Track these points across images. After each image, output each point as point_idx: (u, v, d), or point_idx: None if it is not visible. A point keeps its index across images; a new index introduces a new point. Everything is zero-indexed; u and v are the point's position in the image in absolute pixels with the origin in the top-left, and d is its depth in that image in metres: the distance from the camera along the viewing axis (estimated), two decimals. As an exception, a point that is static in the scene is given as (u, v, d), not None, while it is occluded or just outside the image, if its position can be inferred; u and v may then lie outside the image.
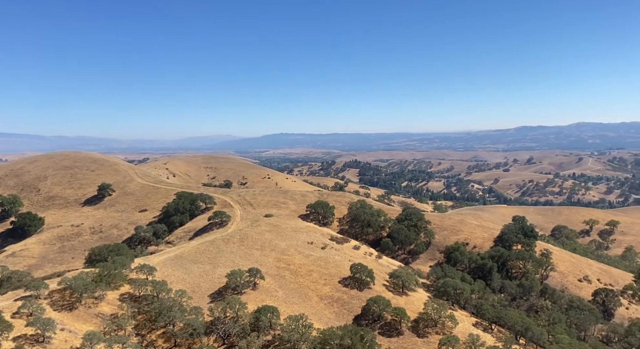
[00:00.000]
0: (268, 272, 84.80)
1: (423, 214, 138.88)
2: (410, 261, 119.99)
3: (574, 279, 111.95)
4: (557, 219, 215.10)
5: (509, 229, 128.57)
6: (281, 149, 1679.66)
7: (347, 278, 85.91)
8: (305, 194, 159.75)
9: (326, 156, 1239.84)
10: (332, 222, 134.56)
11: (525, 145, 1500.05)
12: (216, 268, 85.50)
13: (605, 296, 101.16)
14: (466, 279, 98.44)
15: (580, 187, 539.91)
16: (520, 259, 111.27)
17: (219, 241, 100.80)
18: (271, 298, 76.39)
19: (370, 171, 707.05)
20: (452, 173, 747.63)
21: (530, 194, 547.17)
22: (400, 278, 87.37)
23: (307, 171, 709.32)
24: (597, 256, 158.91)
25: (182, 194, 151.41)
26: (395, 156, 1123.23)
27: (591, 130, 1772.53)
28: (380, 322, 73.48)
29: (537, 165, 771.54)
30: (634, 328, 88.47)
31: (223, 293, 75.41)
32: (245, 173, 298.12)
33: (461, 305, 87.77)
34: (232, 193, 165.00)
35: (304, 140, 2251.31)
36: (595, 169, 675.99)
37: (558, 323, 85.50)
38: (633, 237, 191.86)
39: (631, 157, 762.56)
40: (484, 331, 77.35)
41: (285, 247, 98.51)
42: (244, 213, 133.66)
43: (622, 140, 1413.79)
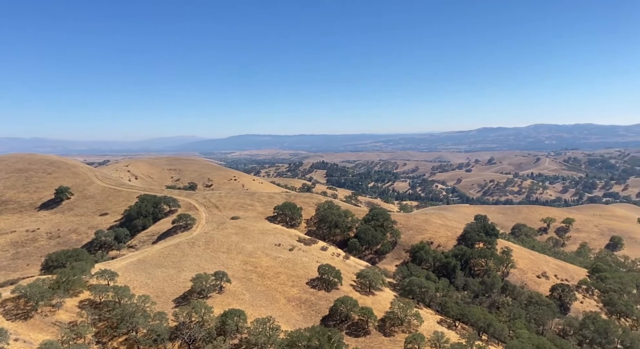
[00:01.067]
0: (235, 275, 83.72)
1: (389, 215, 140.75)
2: (377, 261, 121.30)
3: (532, 275, 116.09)
4: (517, 218, 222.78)
5: (472, 228, 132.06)
6: (248, 150, 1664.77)
7: (315, 279, 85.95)
8: (272, 196, 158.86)
9: (293, 157, 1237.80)
10: (299, 224, 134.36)
11: (486, 146, 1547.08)
12: (181, 272, 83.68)
13: (562, 291, 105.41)
14: (431, 278, 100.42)
15: (538, 187, 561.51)
16: (483, 257, 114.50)
17: (184, 244, 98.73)
18: (238, 301, 75.46)
19: (338, 172, 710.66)
20: (417, 174, 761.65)
21: (491, 194, 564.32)
22: (367, 278, 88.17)
23: (275, 173, 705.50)
24: (554, 252, 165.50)
25: (145, 197, 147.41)
26: (362, 157, 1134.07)
27: (548, 131, 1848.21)
28: (348, 322, 73.87)
29: (498, 165, 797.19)
30: (588, 321, 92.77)
31: (188, 298, 73.87)
32: (210, 175, 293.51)
33: (426, 303, 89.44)
34: (197, 195, 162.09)
35: (271, 141, 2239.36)
36: (552, 169, 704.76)
37: (518, 318, 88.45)
38: (586, 235, 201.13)
39: (585, 157, 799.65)
40: (448, 328, 79.08)
41: (252, 249, 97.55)
42: (210, 216, 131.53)
43: (576, 141, 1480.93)
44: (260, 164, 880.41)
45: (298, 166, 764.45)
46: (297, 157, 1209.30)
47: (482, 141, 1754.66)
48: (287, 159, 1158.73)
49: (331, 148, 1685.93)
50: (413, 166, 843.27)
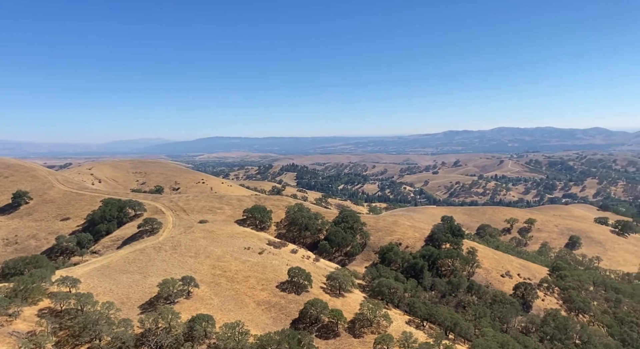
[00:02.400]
0: (203, 280, 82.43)
1: (359, 216, 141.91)
2: (346, 263, 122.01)
3: (497, 274, 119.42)
4: (482, 218, 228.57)
5: (439, 229, 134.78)
6: (216, 153, 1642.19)
7: (285, 282, 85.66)
8: (241, 199, 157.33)
9: (263, 159, 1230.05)
10: (269, 227, 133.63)
11: (452, 148, 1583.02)
12: (147, 277, 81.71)
13: (525, 289, 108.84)
14: (400, 279, 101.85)
15: (502, 188, 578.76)
16: (449, 257, 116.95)
17: (150, 249, 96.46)
18: (206, 306, 74.31)
19: (308, 175, 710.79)
20: (386, 176, 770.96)
21: (457, 195, 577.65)
22: (337, 280, 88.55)
23: (244, 175, 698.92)
24: (517, 252, 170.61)
25: (109, 201, 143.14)
26: (332, 159, 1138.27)
27: (510, 134, 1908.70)
28: (318, 325, 73.94)
29: (463, 167, 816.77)
30: (549, 318, 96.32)
31: (155, 303, 72.20)
32: (177, 178, 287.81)
33: (395, 304, 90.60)
34: (164, 199, 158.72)
35: (240, 143, 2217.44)
36: (515, 171, 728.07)
37: (483, 317, 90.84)
38: (547, 234, 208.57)
39: (545, 159, 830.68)
40: (416, 328, 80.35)
41: (221, 253, 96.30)
42: (177, 220, 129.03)
43: (537, 144, 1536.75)
44: (229, 167, 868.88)
45: (268, 169, 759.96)
46: (267, 159, 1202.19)
47: (448, 143, 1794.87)
48: (257, 161, 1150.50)
49: (301, 151, 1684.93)
50: (382, 169, 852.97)
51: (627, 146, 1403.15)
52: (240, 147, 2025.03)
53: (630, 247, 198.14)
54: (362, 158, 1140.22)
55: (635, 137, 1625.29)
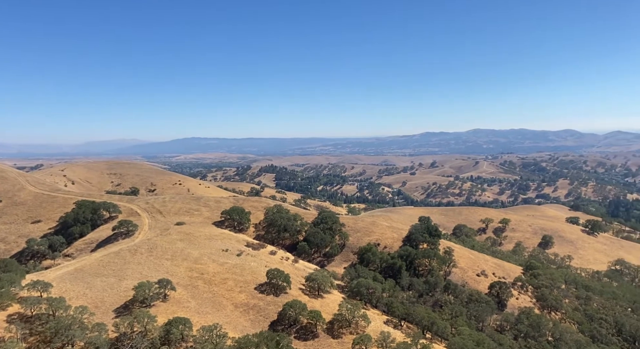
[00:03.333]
0: (180, 282, 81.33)
1: (338, 217, 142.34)
2: (325, 264, 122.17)
3: (473, 274, 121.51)
4: (458, 219, 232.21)
5: (416, 229, 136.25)
6: (193, 154, 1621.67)
7: (264, 284, 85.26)
8: (219, 200, 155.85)
9: (241, 160, 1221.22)
10: (248, 228, 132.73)
11: (429, 150, 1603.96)
12: (122, 280, 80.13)
13: (499, 288, 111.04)
14: (378, 279, 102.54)
15: (477, 189, 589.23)
16: (426, 257, 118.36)
17: (125, 251, 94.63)
18: (183, 309, 73.33)
19: (287, 176, 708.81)
20: (365, 177, 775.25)
21: (434, 196, 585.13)
22: (316, 281, 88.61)
23: (222, 177, 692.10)
24: (492, 251, 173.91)
25: (83, 203, 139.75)
26: (311, 160, 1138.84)
27: (485, 136, 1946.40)
28: (297, 326, 73.85)
29: (440, 168, 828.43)
30: (523, 316, 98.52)
31: (130, 307, 70.85)
32: (153, 179, 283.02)
33: (373, 304, 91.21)
34: (140, 201, 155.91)
35: (218, 144, 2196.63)
36: (490, 172, 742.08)
37: (460, 315, 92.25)
38: (521, 234, 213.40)
39: (519, 160, 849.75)
40: (394, 328, 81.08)
41: (198, 255, 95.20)
42: (153, 222, 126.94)
43: (511, 145, 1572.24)
44: (206, 168, 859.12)
45: (246, 170, 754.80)
46: (245, 160, 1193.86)
47: (425, 145, 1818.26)
48: (235, 162, 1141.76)
49: (280, 152, 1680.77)
50: (361, 170, 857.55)
51: (596, 147, 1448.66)
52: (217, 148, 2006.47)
53: (600, 246, 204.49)
54: (341, 159, 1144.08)
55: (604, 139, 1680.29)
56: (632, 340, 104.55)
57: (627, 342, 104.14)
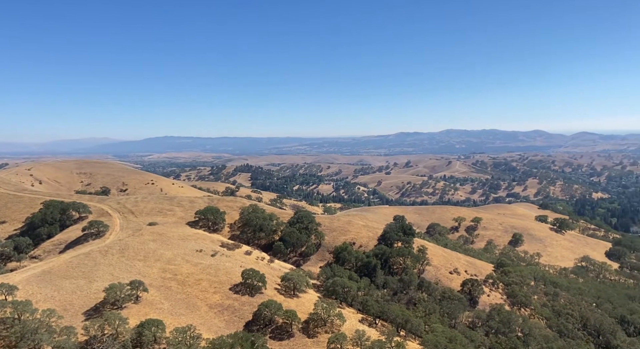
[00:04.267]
0: (152, 283, 79.91)
1: (314, 217, 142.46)
2: (301, 263, 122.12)
3: (446, 271, 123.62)
4: (431, 217, 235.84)
5: (391, 228, 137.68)
6: (166, 153, 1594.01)
7: (239, 284, 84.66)
8: (193, 200, 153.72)
9: (216, 160, 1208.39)
10: (223, 228, 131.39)
11: (404, 150, 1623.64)
12: (92, 282, 78.15)
13: (471, 285, 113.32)
14: (353, 278, 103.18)
15: (450, 188, 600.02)
16: (401, 255, 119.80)
17: (96, 253, 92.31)
18: (156, 310, 72.09)
19: (263, 175, 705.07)
20: (341, 176, 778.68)
21: (408, 195, 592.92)
22: (292, 281, 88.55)
23: (196, 176, 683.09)
24: (464, 249, 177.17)
25: (51, 203, 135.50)
26: (287, 160, 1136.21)
27: (458, 136, 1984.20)
28: (272, 326, 73.65)
29: (414, 168, 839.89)
30: (494, 312, 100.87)
31: (101, 309, 69.19)
32: (125, 179, 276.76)
33: (349, 303, 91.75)
34: (111, 201, 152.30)
35: (192, 143, 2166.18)
36: (462, 172, 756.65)
37: (433, 313, 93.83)
38: (492, 232, 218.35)
39: (490, 160, 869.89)
40: (369, 326, 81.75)
41: (171, 256, 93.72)
42: (125, 222, 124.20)
43: (483, 145, 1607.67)
44: (180, 168, 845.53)
45: (221, 169, 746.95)
46: (220, 160, 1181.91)
47: (400, 145, 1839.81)
48: (210, 162, 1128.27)
49: (256, 151, 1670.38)
50: (337, 169, 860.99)
51: (564, 147, 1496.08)
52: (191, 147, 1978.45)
53: (567, 243, 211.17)
54: (317, 159, 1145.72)
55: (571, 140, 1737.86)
56: (597, 334, 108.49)
57: (592, 336, 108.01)
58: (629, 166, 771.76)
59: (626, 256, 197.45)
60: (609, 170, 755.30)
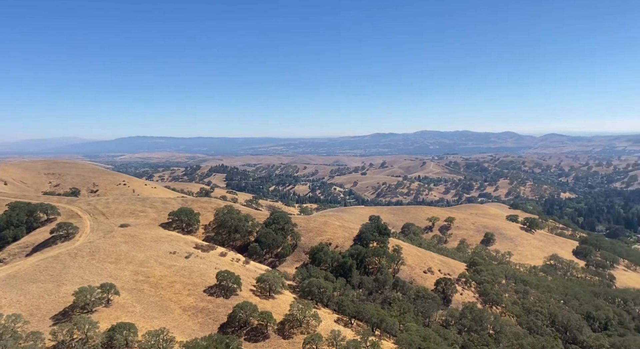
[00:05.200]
0: (124, 286, 78.18)
1: (290, 217, 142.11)
2: (277, 264, 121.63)
3: (420, 271, 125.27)
4: (406, 217, 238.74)
5: (367, 228, 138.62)
6: (139, 153, 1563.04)
7: (213, 286, 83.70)
8: (167, 201, 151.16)
9: (190, 160, 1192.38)
10: (197, 230, 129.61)
11: (379, 150, 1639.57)
12: (61, 286, 75.90)
13: (445, 284, 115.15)
14: (329, 278, 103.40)
15: (424, 188, 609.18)
16: (376, 255, 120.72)
17: (65, 255, 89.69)
18: (128, 314, 70.57)
19: (238, 176, 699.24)
20: (317, 177, 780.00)
21: (384, 195, 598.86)
22: (267, 282, 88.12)
23: (170, 177, 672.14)
24: (438, 249, 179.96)
25: (17, 205, 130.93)
26: (263, 160, 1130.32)
27: (432, 137, 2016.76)
28: (247, 328, 73.12)
29: (389, 169, 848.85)
30: (466, 311, 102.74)
31: (70, 313, 67.28)
32: (96, 179, 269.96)
33: (324, 303, 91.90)
34: (81, 202, 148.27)
35: (166, 143, 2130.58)
36: (436, 172, 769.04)
37: (407, 312, 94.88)
38: (465, 232, 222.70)
39: (463, 161, 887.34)
40: (344, 326, 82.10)
41: (144, 258, 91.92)
42: (96, 224, 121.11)
43: (456, 146, 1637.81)
44: (153, 168, 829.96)
45: (195, 170, 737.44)
46: (194, 160, 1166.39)
47: (376, 145, 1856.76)
48: (184, 162, 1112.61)
49: (231, 151, 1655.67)
50: (313, 170, 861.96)
51: (533, 149, 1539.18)
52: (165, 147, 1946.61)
53: (536, 242, 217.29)
54: (293, 159, 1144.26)
55: (540, 141, 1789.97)
56: (564, 330, 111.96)
57: (560, 332, 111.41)
58: (594, 166, 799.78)
59: (592, 254, 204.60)
60: (576, 171, 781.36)
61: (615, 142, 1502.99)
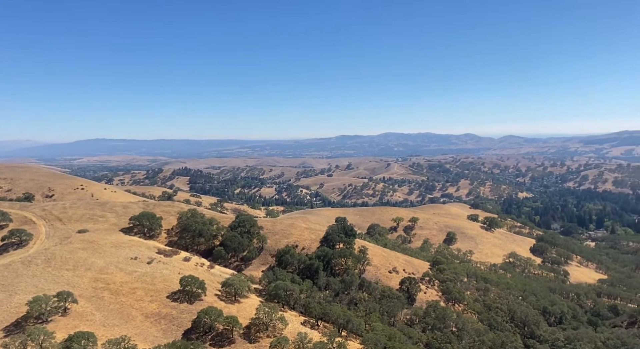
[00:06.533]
0: (83, 294, 75.38)
1: (256, 220, 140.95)
2: (243, 268, 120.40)
3: (385, 271, 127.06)
4: (372, 218, 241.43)
5: (333, 230, 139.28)
6: (98, 156, 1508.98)
7: (177, 292, 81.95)
8: (127, 206, 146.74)
9: (152, 163, 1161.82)
10: (159, 235, 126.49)
11: (345, 152, 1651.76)
12: (13, 295, 72.38)
13: (409, 283, 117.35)
14: (296, 280, 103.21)
15: (389, 189, 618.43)
16: (343, 256, 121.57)
17: (17, 263, 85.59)
18: (87, 322, 68.08)
19: (202, 179, 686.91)
20: (283, 179, 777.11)
21: (350, 197, 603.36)
22: (233, 286, 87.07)
23: (130, 180, 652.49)
24: (402, 249, 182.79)
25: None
26: (228, 163, 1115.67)
27: (396, 139, 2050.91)
28: (212, 333, 71.99)
29: (355, 170, 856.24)
30: (430, 309, 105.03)
31: (23, 324, 64.30)
32: (52, 184, 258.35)
33: (291, 306, 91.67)
34: (35, 208, 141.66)
35: (126, 146, 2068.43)
36: (400, 173, 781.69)
37: (373, 312, 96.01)
38: (428, 231, 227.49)
39: (426, 162, 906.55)
40: (311, 328, 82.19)
41: (103, 265, 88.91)
42: (51, 230, 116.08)
43: (419, 148, 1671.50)
44: (113, 172, 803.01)
45: (157, 173, 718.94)
46: (156, 163, 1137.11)
47: (341, 147, 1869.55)
48: (145, 165, 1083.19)
49: (195, 154, 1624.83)
50: (279, 172, 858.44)
51: (492, 150, 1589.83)
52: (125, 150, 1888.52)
53: (496, 240, 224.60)
54: (259, 162, 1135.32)
55: (499, 143, 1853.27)
56: (523, 325, 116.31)
57: (518, 327, 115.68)
58: (549, 167, 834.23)
59: (548, 252, 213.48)
60: (533, 171, 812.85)
61: (569, 144, 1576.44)
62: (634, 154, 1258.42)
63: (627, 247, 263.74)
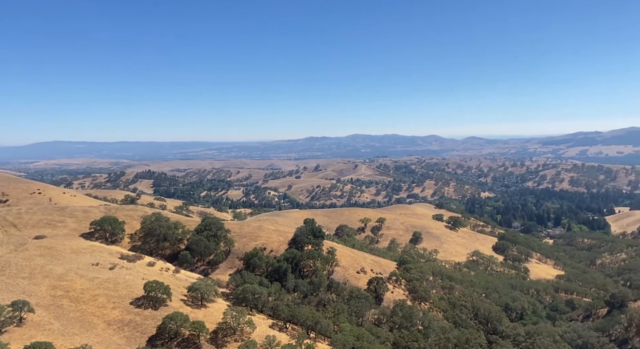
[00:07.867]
0: (40, 303, 72.26)
1: (223, 223, 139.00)
2: (210, 272, 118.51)
3: (353, 271, 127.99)
4: (340, 219, 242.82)
5: (301, 232, 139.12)
6: (56, 159, 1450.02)
7: (141, 298, 79.83)
8: (88, 210, 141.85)
9: (114, 166, 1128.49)
10: (122, 239, 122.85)
11: (313, 154, 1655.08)
12: (-36, 307, 68.39)
13: (377, 283, 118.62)
14: (264, 283, 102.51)
15: (357, 191, 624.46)
16: (311, 258, 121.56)
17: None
18: (44, 332, 65.32)
19: (167, 182, 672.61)
20: (251, 181, 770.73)
21: (318, 198, 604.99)
22: (199, 290, 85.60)
23: (91, 184, 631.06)
24: (370, 249, 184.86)
25: None
26: (194, 165, 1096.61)
27: (363, 141, 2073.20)
28: (178, 339, 70.56)
29: (323, 172, 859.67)
30: (397, 308, 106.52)
31: (-26, 338, 60.90)
32: (5, 188, 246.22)
33: (259, 309, 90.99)
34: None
35: (86, 149, 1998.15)
36: (367, 175, 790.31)
37: (341, 313, 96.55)
38: (395, 231, 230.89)
39: (392, 164, 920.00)
40: (279, 331, 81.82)
41: (63, 272, 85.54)
42: (6, 236, 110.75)
43: (385, 149, 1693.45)
44: (72, 175, 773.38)
45: (120, 176, 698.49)
46: (118, 166, 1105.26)
47: (309, 149, 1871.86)
48: (107, 168, 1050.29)
49: (159, 156, 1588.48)
50: (246, 174, 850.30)
51: (456, 151, 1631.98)
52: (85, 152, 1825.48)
53: (460, 239, 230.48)
54: (226, 164, 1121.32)
55: (462, 144, 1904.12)
56: (486, 322, 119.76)
57: (482, 324, 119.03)
58: (510, 167, 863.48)
59: (509, 249, 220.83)
60: (494, 171, 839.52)
61: (528, 145, 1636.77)
62: (588, 154, 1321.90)
63: (582, 243, 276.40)
